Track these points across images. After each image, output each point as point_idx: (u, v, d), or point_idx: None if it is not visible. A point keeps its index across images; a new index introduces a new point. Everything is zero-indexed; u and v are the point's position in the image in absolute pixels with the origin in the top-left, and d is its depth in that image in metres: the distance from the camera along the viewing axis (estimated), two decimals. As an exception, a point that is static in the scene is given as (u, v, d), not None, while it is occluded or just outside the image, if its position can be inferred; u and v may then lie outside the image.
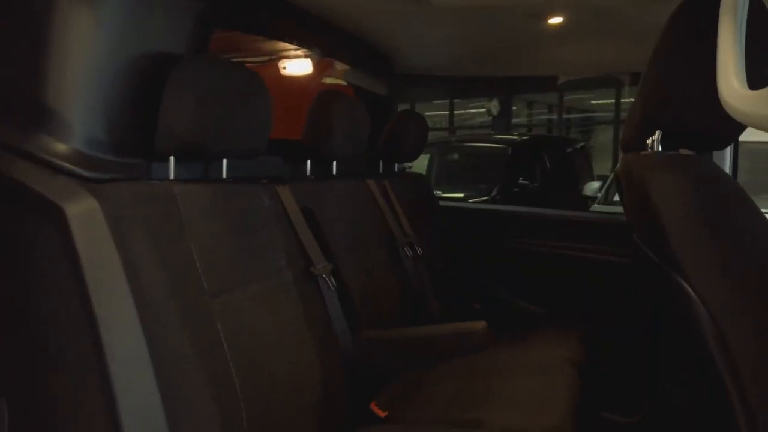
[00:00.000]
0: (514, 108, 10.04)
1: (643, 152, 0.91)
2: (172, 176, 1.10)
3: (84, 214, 0.89)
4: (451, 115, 10.40)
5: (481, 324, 1.39)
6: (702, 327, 0.73)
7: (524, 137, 6.45)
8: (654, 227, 0.78)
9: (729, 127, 0.84)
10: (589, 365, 1.78)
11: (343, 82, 2.43)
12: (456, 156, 5.83)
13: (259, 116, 1.19)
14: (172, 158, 1.10)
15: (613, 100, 9.25)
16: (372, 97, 2.29)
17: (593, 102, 10.17)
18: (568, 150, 6.54)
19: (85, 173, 0.96)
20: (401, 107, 2.43)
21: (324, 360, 1.27)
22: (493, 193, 5.07)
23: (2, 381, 0.94)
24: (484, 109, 9.52)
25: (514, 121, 10.07)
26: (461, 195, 5.04)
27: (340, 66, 2.35)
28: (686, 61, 0.83)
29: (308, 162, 1.62)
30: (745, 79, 0.66)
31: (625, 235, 2.10)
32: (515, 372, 1.62)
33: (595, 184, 5.66)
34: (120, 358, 0.86)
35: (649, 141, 0.98)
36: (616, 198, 4.89)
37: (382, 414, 1.39)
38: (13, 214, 0.92)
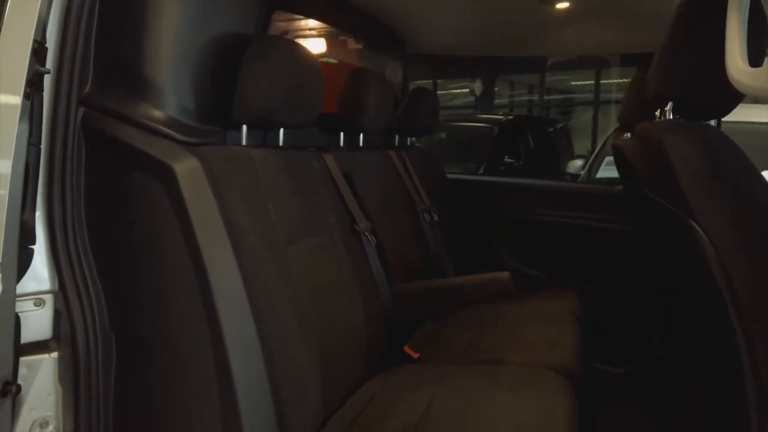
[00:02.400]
0: (496, 88, 10.19)
1: (657, 120, 1.09)
2: (244, 142, 1.25)
3: (189, 171, 1.03)
4: (435, 94, 10.47)
5: (505, 273, 1.58)
6: (708, 259, 0.91)
7: (509, 117, 6.64)
8: (669, 179, 0.97)
9: (728, 100, 1.02)
10: (585, 320, 1.98)
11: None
12: (443, 135, 5.98)
13: (314, 90, 1.34)
14: (245, 127, 1.25)
15: (593, 82, 9.43)
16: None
17: (573, 83, 10.36)
18: (550, 130, 6.76)
19: (180, 137, 1.10)
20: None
21: (367, 307, 1.44)
22: (480, 171, 5.25)
23: (113, 318, 1.09)
24: (467, 90, 9.65)
25: (496, 101, 10.22)
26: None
27: (352, 46, 2.49)
28: (695, 46, 1.00)
29: (341, 134, 1.78)
30: (747, 59, 0.84)
31: (617, 203, 2.31)
32: (526, 321, 1.81)
33: (578, 162, 5.90)
34: (222, 291, 1.01)
35: (657, 112, 1.16)
36: (599, 175, 5.17)
37: (415, 355, 1.57)
38: (123, 173, 1.07)
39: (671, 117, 1.06)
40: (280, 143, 1.38)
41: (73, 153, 1.06)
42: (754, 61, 0.85)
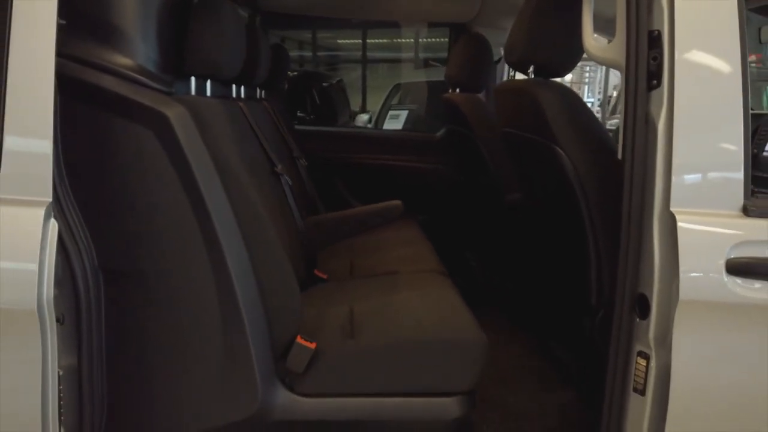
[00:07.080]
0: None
1: (526, 78, 1.53)
2: (193, 92, 1.36)
3: (180, 117, 1.16)
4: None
5: (397, 202, 1.92)
6: (567, 173, 1.39)
7: (295, 73, 6.90)
8: (540, 119, 1.41)
9: (572, 64, 1.50)
10: None
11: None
12: (234, 89, 5.97)
13: (240, 45, 1.49)
14: (193, 78, 1.36)
15: (360, 41, 10.05)
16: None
17: (339, 41, 10.91)
18: (326, 85, 7.22)
19: (155, 85, 1.20)
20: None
21: (292, 238, 1.67)
22: (277, 125, 5.44)
23: (101, 257, 1.17)
24: (240, 43, 9.51)
25: (270, 56, 10.24)
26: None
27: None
28: (552, 24, 1.45)
29: (233, 86, 1.90)
30: (593, 36, 1.30)
31: (438, 148, 2.82)
32: (393, 245, 2.21)
33: (365, 117, 6.50)
34: (220, 222, 1.17)
35: (512, 72, 1.61)
36: (384, 127, 5.83)
37: (325, 276, 1.85)
38: (106, 120, 1.14)
39: (533, 76, 1.51)
40: (208, 93, 1.51)
41: None
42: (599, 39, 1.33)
